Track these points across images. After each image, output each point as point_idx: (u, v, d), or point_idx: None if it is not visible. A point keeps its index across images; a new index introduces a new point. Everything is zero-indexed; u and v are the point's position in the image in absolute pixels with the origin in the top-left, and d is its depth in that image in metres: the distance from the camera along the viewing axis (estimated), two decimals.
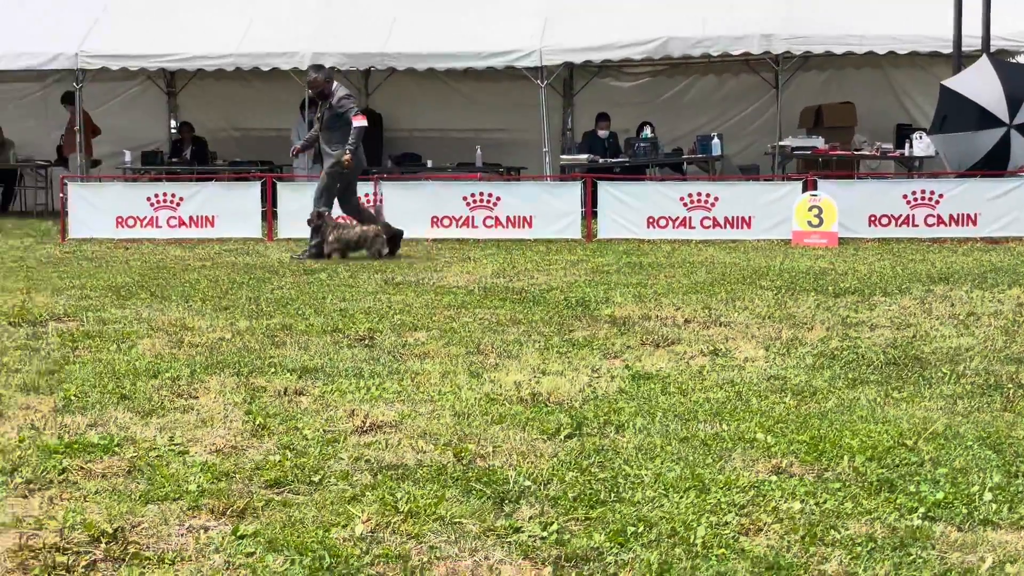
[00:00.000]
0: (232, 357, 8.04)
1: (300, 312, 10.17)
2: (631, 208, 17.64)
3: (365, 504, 4.87)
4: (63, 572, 4.11)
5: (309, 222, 15.27)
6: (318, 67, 15.78)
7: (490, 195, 17.82)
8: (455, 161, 22.41)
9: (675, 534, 4.53)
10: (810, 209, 16.87)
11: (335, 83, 15.45)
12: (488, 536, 4.54)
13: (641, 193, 17.88)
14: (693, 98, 24.07)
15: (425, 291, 11.66)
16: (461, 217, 17.81)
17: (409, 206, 17.82)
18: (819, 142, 21.01)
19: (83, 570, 4.13)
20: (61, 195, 18.61)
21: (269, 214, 18.08)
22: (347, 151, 15.00)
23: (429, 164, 22.14)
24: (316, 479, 5.22)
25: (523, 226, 17.69)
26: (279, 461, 5.48)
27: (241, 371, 7.57)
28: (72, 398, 6.78)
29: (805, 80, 23.05)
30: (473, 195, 17.84)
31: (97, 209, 18.22)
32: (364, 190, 18.09)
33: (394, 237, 15.51)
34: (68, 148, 24.11)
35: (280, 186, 18.39)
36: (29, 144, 24.87)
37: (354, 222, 15.40)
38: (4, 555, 4.25)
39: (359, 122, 15.16)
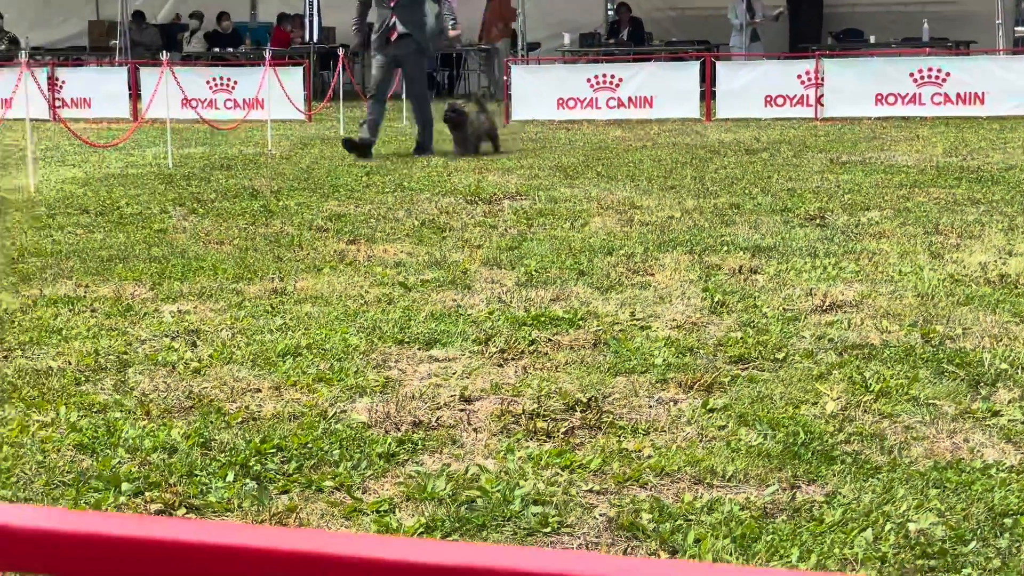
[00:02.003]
0: (683, 235, 8.07)
1: (747, 191, 10.09)
2: None
3: (833, 383, 4.79)
4: (544, 437, 4.26)
5: (447, 119, 13.70)
6: None
7: (938, 71, 17.05)
8: (899, 36, 21.54)
9: None
10: None
11: None
12: (965, 418, 4.37)
13: None
14: None
15: (874, 170, 11.32)
16: (907, 94, 17.13)
17: (852, 84, 17.30)
18: None
19: (562, 436, 4.26)
20: (505, 78, 19.16)
21: (708, 94, 17.98)
22: (452, 25, 14.34)
23: (872, 40, 21.39)
24: (780, 356, 5.18)
25: (974, 103, 16.85)
26: (741, 338, 5.47)
27: (694, 249, 7.60)
28: (533, 273, 6.99)
29: None
30: (920, 71, 17.11)
31: (538, 91, 18.65)
32: (805, 67, 17.70)
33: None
34: (488, 35, 24.79)
35: (719, 66, 18.24)
36: (470, 30, 25.74)
37: (481, 116, 13.91)
38: (489, 419, 4.45)
39: None
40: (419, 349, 5.42)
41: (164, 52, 15.24)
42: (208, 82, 19.91)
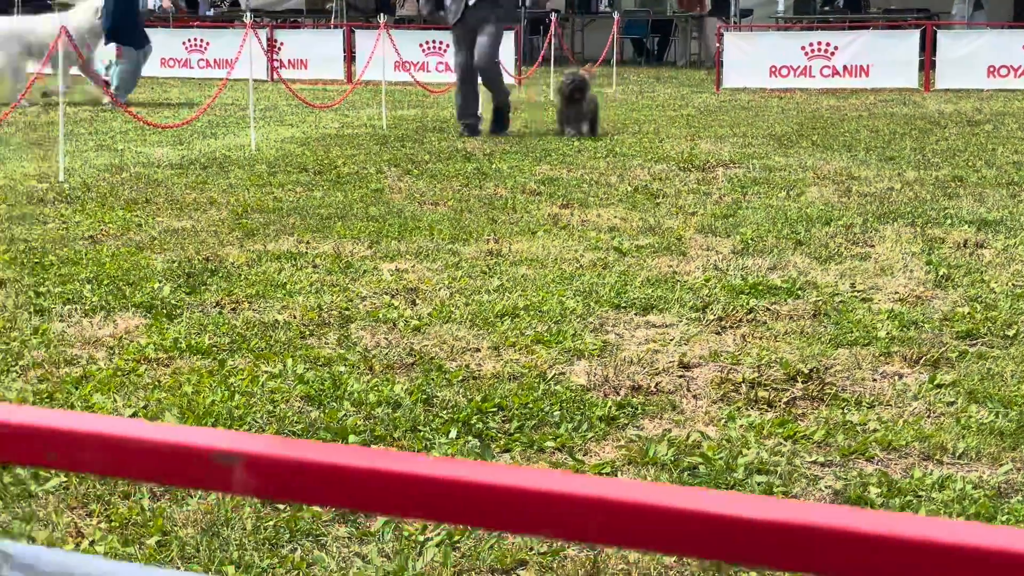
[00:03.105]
0: (904, 207, 7.87)
1: (970, 163, 9.78)
2: None
3: None
4: (764, 406, 4.20)
5: (563, 92, 11.98)
6: None
7: None
8: None
9: None
10: None
11: None
12: None
13: None
14: None
15: None
16: None
17: None
18: None
19: (784, 406, 4.20)
20: (717, 45, 18.94)
21: (927, 63, 17.48)
22: None
23: None
24: (1010, 333, 5.01)
25: None
26: (968, 313, 5.30)
27: (915, 221, 7.40)
28: (749, 241, 6.90)
29: None
30: None
31: (751, 59, 18.39)
32: None
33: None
34: (684, 4, 24.53)
35: (940, 34, 17.71)
36: None
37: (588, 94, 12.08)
38: (708, 386, 4.41)
39: None
40: (636, 314, 5.40)
41: (380, 15, 15.47)
42: (421, 45, 20.17)
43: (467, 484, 0.81)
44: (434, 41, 20.26)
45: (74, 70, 16.15)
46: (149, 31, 16.62)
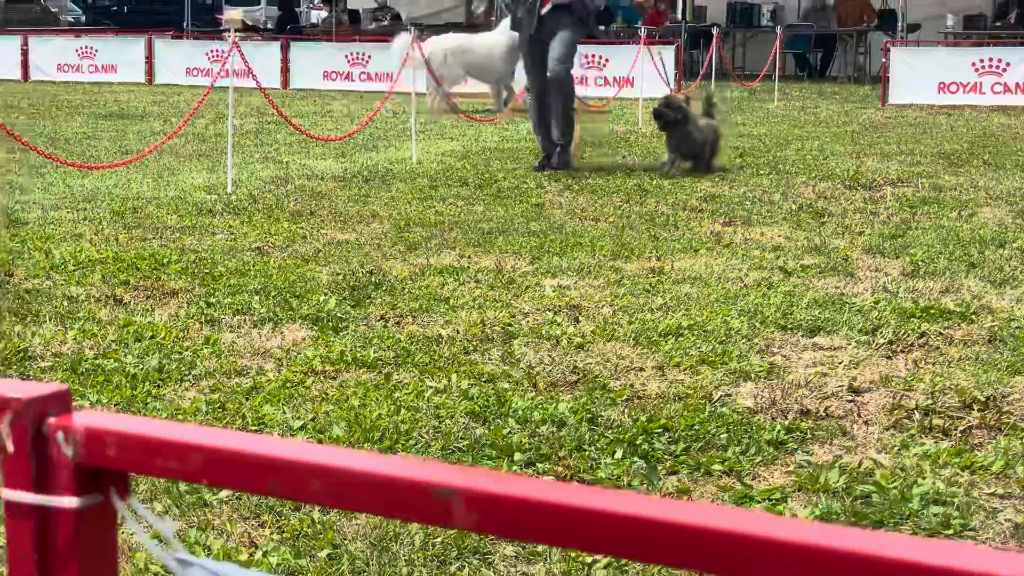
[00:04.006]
0: None
1: None
2: None
3: None
4: (939, 434, 4.08)
5: (659, 115, 10.46)
6: None
7: None
8: None
9: None
10: None
11: None
12: None
13: None
14: None
15: None
16: None
17: None
18: None
19: (959, 435, 4.07)
20: (883, 60, 18.60)
21: None
22: None
23: None
24: None
25: None
26: None
27: None
28: (919, 263, 6.74)
29: None
30: None
31: (919, 74, 18.03)
32: None
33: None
34: (842, 20, 24.18)
35: None
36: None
37: (701, 122, 10.55)
38: (880, 412, 4.30)
39: None
40: (803, 336, 5.30)
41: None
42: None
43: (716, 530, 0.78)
44: (594, 56, 20.27)
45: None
46: (312, 44, 16.96)
